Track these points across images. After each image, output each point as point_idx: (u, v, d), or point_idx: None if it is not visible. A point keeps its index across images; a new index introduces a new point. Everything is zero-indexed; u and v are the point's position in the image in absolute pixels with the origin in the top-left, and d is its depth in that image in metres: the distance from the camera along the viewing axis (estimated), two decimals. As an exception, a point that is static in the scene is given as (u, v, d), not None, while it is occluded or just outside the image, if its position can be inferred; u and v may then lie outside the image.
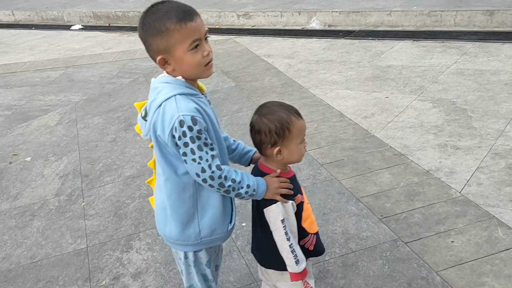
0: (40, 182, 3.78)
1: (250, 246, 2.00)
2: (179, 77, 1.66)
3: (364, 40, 6.13)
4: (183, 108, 1.58)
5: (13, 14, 10.53)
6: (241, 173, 1.72)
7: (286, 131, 1.73)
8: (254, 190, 1.71)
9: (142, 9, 1.69)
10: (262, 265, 1.94)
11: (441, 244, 2.55)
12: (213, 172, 1.63)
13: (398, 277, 2.38)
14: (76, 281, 2.69)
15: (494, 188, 2.95)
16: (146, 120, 1.72)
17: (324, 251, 1.97)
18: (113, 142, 4.27)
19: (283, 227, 1.75)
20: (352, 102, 4.37)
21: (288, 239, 1.76)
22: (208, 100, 1.76)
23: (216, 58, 5.41)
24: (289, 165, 1.86)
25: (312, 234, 1.88)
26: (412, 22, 6.38)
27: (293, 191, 1.79)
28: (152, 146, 1.78)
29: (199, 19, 1.63)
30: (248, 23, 7.68)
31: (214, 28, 7.73)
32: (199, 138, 1.59)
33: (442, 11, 6.19)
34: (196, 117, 1.58)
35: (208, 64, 1.67)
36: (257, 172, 1.83)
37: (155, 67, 6.06)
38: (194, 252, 1.84)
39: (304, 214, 1.84)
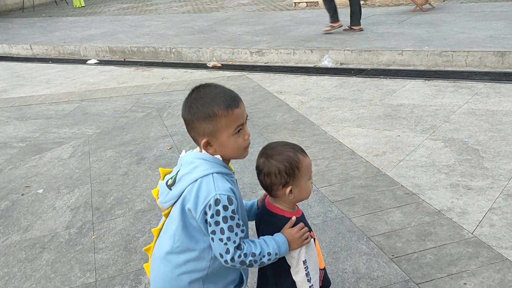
0: (51, 214, 3.79)
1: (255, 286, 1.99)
2: (218, 156, 1.72)
3: (376, 79, 6.18)
4: (221, 187, 1.63)
5: (31, 48, 10.76)
6: (259, 243, 1.73)
7: (295, 170, 1.75)
8: (276, 254, 1.73)
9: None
10: None
11: (454, 286, 2.52)
12: (235, 253, 1.65)
13: (409, 319, 2.35)
14: (83, 315, 2.67)
15: (507, 229, 2.92)
16: (170, 189, 1.75)
17: (330, 284, 1.99)
18: (125, 175, 4.30)
19: (305, 268, 1.77)
20: (363, 140, 4.38)
21: (309, 281, 1.77)
22: (236, 179, 1.80)
23: (229, 94, 5.43)
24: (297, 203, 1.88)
25: (321, 269, 1.89)
26: (424, 62, 6.43)
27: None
28: (165, 214, 1.79)
29: (242, 105, 1.72)
30: (261, 60, 7.78)
31: (227, 64, 7.85)
32: (232, 219, 1.63)
33: (453, 51, 6.24)
34: (231, 197, 1.63)
35: (247, 147, 1.75)
36: (266, 213, 1.83)
37: (168, 102, 6.14)
38: None
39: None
